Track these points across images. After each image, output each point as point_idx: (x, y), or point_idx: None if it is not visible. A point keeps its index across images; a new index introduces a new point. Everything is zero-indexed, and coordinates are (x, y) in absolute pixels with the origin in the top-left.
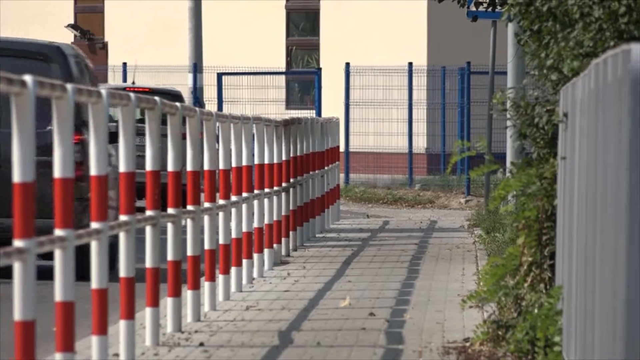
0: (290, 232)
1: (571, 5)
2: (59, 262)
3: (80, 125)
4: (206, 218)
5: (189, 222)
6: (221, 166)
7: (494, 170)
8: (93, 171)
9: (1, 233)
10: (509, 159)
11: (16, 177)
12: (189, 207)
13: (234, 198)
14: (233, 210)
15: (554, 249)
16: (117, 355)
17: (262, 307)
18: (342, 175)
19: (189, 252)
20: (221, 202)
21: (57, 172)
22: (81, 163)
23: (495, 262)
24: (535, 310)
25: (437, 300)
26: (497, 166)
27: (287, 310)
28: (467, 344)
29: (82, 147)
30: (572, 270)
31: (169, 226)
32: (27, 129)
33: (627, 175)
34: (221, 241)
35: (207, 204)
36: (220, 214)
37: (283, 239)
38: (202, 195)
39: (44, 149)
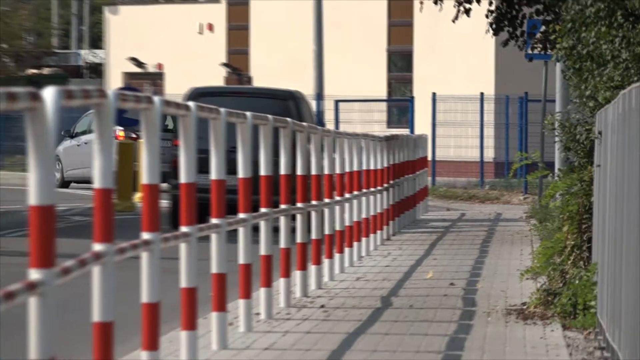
0: (390, 221)
1: (604, 49)
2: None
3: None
4: (327, 211)
5: (313, 214)
6: (337, 171)
7: (545, 174)
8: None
9: None
10: (556, 166)
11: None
12: (313, 202)
13: (347, 195)
14: (347, 204)
15: (591, 235)
16: (258, 314)
17: (369, 278)
18: (429, 178)
19: (314, 236)
20: (337, 198)
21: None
22: None
23: (546, 245)
24: (576, 282)
25: (502, 273)
26: (547, 172)
27: (387, 280)
28: (524, 307)
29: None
30: (604, 251)
31: (298, 217)
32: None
33: None
34: (338, 228)
35: (326, 200)
36: (337, 207)
37: (385, 227)
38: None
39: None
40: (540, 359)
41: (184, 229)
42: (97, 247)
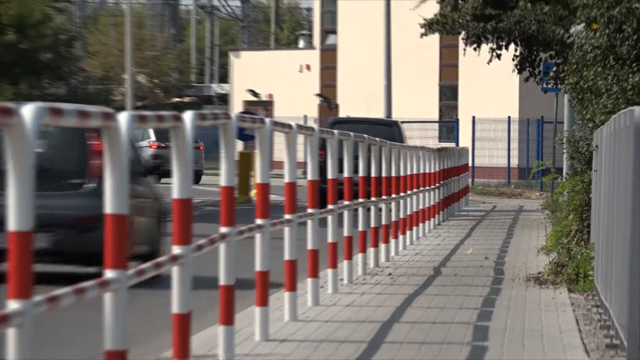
0: (440, 211)
1: (600, 84)
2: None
3: None
4: (393, 204)
5: (383, 206)
6: (401, 174)
7: (555, 177)
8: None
9: None
10: (564, 171)
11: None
12: (384, 197)
13: (409, 192)
14: (408, 199)
15: (589, 222)
16: (342, 279)
17: (424, 254)
18: (469, 180)
19: (384, 222)
20: (402, 194)
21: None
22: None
23: (556, 229)
24: (578, 257)
25: (523, 250)
26: (557, 175)
27: (438, 255)
28: (540, 275)
29: None
30: (599, 234)
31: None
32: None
33: (631, 182)
34: (402, 216)
35: (393, 195)
36: (401, 202)
37: (436, 215)
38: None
39: None
40: (551, 314)
41: (287, 216)
42: (223, 229)
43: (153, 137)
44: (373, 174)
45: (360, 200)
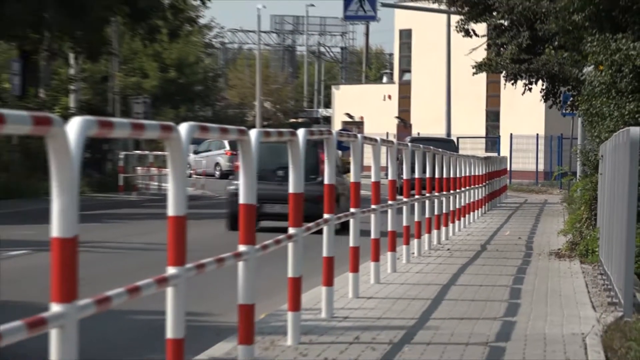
0: (486, 203)
1: (605, 110)
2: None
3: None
4: (451, 197)
5: (443, 199)
6: (457, 175)
7: (571, 178)
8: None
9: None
10: (578, 174)
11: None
12: (444, 192)
13: (463, 189)
14: (463, 194)
15: (596, 212)
16: (413, 253)
17: (474, 235)
18: (508, 180)
19: (444, 210)
20: (458, 190)
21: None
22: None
23: (572, 217)
24: (588, 237)
25: (547, 232)
26: (572, 177)
27: (484, 236)
28: (559, 251)
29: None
30: (603, 221)
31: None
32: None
33: (627, 183)
34: (457, 206)
35: (451, 191)
36: (457, 196)
37: (483, 206)
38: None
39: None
40: (567, 280)
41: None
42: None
43: (227, 147)
44: (436, 175)
45: (427, 194)
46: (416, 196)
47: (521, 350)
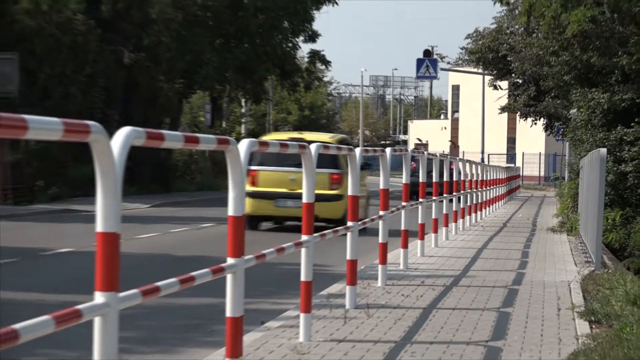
0: (506, 197)
1: (584, 138)
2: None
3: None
4: (482, 193)
5: (475, 194)
6: (486, 178)
7: (562, 181)
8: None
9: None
10: (566, 178)
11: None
12: (475, 189)
13: (487, 188)
14: (489, 191)
15: (578, 203)
16: (459, 228)
17: (498, 217)
18: (521, 182)
19: (480, 201)
20: (484, 189)
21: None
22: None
23: (561, 206)
24: (572, 219)
25: (546, 215)
26: (562, 180)
27: (504, 217)
28: (553, 227)
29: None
30: (582, 208)
31: (479, 194)
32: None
33: (597, 184)
34: (486, 199)
35: (479, 189)
36: (485, 192)
37: (503, 199)
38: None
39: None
40: (558, 246)
41: (381, 212)
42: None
43: None
44: (474, 179)
45: (468, 190)
46: (461, 191)
47: (529, 291)
